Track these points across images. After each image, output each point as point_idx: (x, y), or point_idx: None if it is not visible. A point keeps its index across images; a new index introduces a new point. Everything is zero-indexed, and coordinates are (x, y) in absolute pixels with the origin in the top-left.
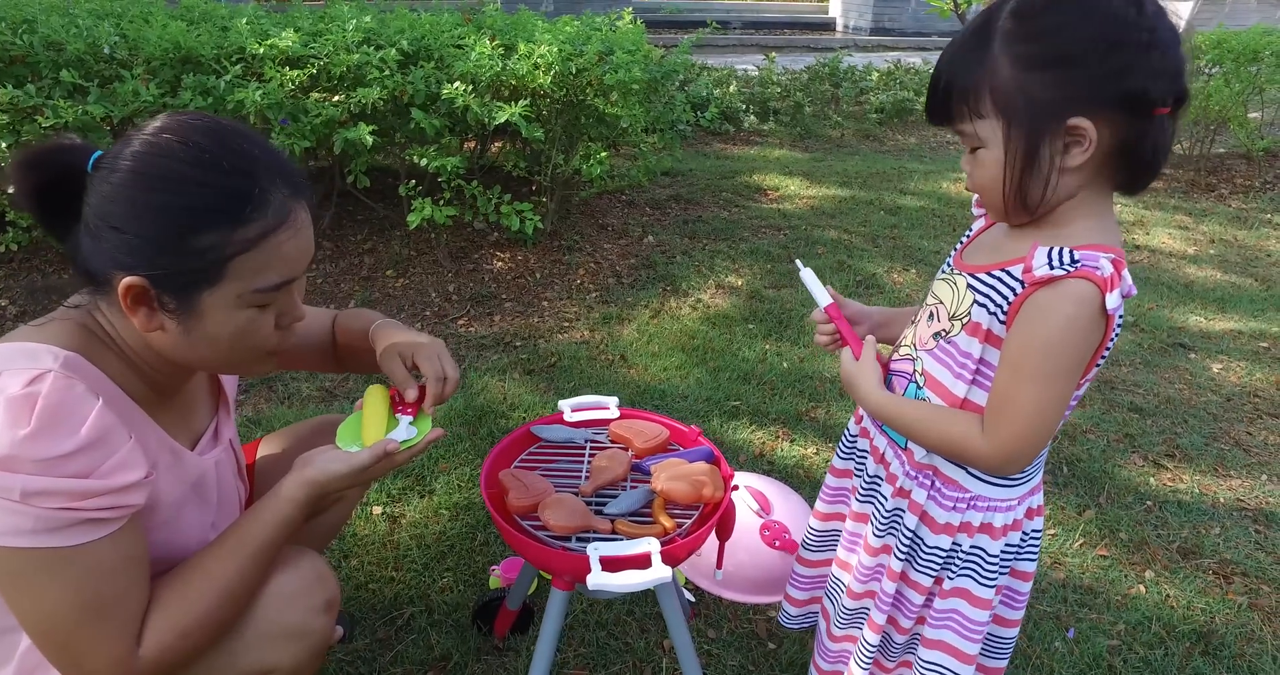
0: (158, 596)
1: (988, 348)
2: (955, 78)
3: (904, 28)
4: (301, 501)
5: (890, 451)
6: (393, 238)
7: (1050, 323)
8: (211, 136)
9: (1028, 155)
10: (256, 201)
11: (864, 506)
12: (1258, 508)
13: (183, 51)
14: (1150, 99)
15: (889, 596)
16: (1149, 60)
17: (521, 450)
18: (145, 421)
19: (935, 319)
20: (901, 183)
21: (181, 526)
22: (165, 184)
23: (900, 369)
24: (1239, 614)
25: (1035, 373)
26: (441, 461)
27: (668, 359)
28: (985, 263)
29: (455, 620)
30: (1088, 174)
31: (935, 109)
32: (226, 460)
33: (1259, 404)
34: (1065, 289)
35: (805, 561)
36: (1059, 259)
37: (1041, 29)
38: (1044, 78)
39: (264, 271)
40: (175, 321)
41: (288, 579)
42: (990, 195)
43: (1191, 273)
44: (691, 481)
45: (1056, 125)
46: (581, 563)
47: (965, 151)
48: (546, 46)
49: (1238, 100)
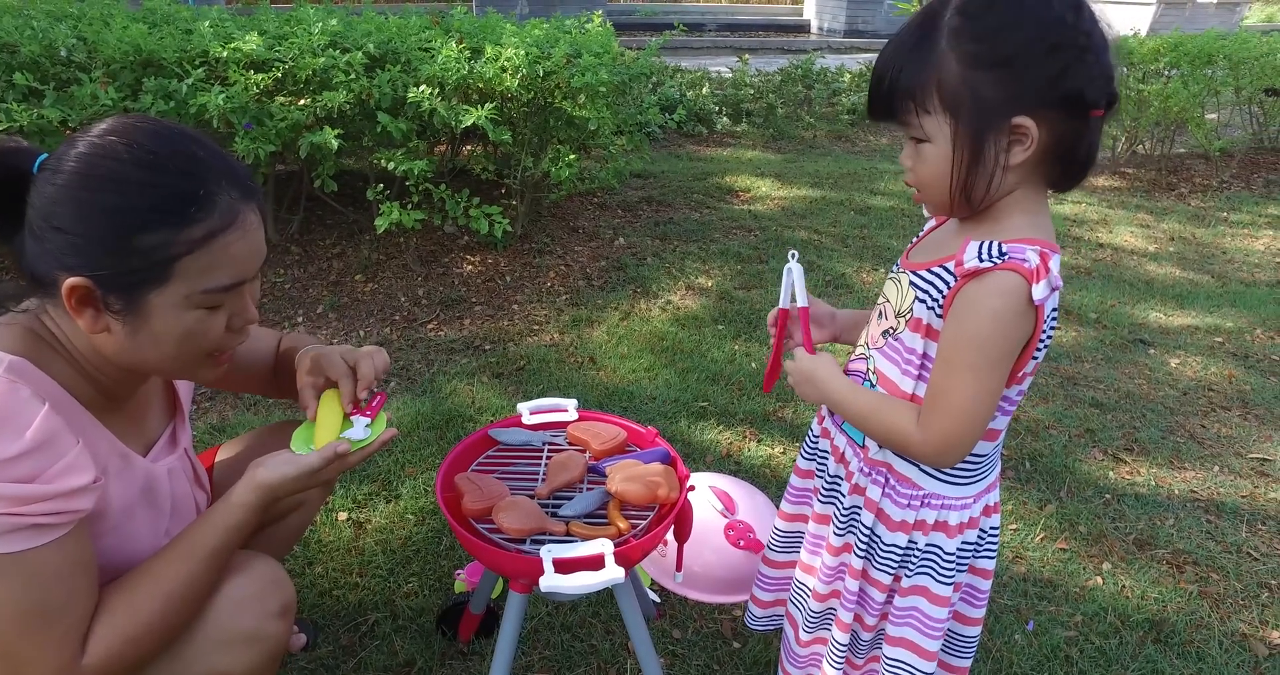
0: (104, 603)
1: (929, 342)
2: (902, 74)
3: (877, 29)
4: (253, 505)
5: (849, 450)
6: (361, 242)
7: (978, 315)
8: (157, 138)
9: (974, 152)
10: (202, 202)
11: (825, 508)
12: (1209, 498)
13: (144, 54)
14: (1087, 101)
15: (853, 595)
16: (1086, 64)
17: (479, 454)
18: (94, 426)
19: (884, 317)
20: (872, 183)
21: (131, 533)
22: (109, 185)
23: (855, 369)
24: (1190, 602)
25: (965, 364)
26: (408, 466)
27: (637, 361)
28: (926, 260)
29: (420, 625)
30: (1025, 171)
31: (880, 104)
32: (181, 467)
33: (1212, 397)
34: (991, 282)
35: (771, 562)
36: (988, 252)
37: (989, 28)
38: (991, 76)
39: (212, 272)
40: (121, 323)
41: (241, 584)
42: (934, 190)
43: (1152, 270)
44: (646, 482)
45: (1001, 123)
46: (535, 565)
47: (908, 145)
48: (514, 49)
49: (1195, 102)
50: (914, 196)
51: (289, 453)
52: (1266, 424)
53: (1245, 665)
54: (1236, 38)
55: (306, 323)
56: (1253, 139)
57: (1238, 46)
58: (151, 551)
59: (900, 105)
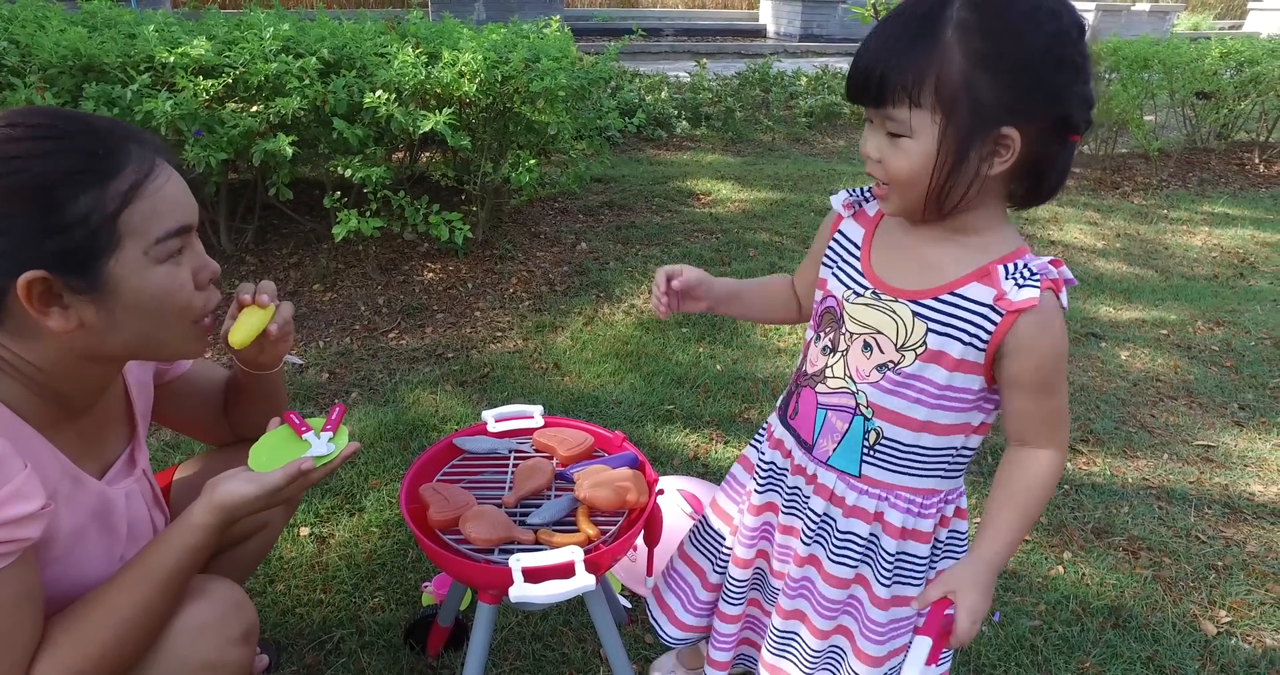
0: (50, 633)
1: (956, 375)
2: (899, 60)
3: (832, 34)
4: (212, 526)
5: (841, 484)
6: (319, 251)
7: (1050, 339)
8: (38, 114)
9: (958, 155)
10: (115, 153)
11: (811, 548)
12: (1160, 486)
13: (84, 59)
14: (1073, 124)
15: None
16: (1080, 86)
17: (444, 463)
18: (44, 448)
19: (876, 350)
20: (831, 184)
21: (82, 559)
22: (13, 165)
23: (838, 403)
24: (1145, 586)
25: (1059, 380)
26: (371, 478)
27: (601, 365)
28: (923, 287)
29: (387, 641)
30: (995, 184)
31: (866, 88)
32: (140, 489)
33: (1160, 388)
34: (1045, 306)
35: (728, 617)
36: (1021, 275)
37: (1002, 29)
38: (993, 80)
39: (157, 219)
40: (92, 305)
41: (200, 609)
42: (908, 189)
43: (1101, 266)
44: (615, 488)
45: (991, 130)
46: (504, 575)
47: (876, 135)
48: (471, 54)
49: (1134, 104)
50: (875, 191)
51: (248, 471)
52: (1209, 412)
53: (1196, 644)
54: (1169, 44)
55: None
56: (1187, 140)
57: (1170, 52)
58: (104, 578)
59: (890, 94)
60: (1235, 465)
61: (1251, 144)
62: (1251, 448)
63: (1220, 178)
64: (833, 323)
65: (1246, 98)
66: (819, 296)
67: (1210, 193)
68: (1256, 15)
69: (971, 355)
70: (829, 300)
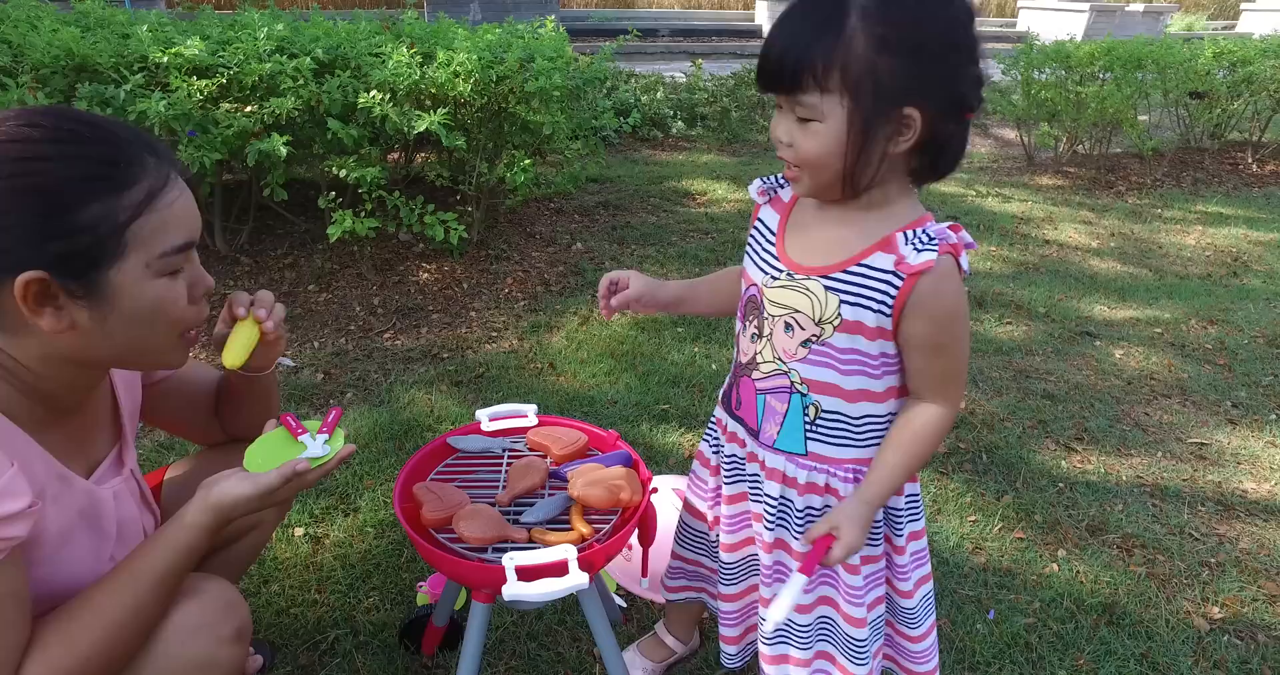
0: (40, 634)
1: (879, 342)
2: (807, 48)
3: None
4: (206, 527)
5: (791, 465)
6: (314, 251)
7: (946, 300)
8: (62, 116)
9: (865, 135)
10: (133, 164)
11: (778, 532)
12: (1154, 483)
13: (77, 59)
14: (968, 102)
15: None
16: (973, 68)
17: (438, 462)
18: (30, 447)
19: (797, 328)
20: None
21: (70, 559)
22: (31, 167)
23: (774, 386)
24: (1139, 584)
25: (956, 341)
26: (366, 478)
27: (597, 365)
28: (830, 262)
29: (382, 641)
30: (899, 162)
31: (775, 76)
32: (128, 489)
33: (1155, 386)
34: (941, 269)
35: (728, 596)
36: (920, 240)
37: (901, 14)
38: (895, 63)
39: (164, 233)
40: (87, 310)
41: (192, 609)
42: (820, 170)
43: (1095, 265)
44: (608, 486)
45: (893, 111)
46: (497, 574)
47: (787, 120)
48: (466, 54)
49: (1128, 104)
50: (787, 174)
51: (243, 471)
52: (1203, 409)
53: (1189, 641)
54: (1162, 44)
55: None
56: (1180, 139)
57: (1164, 52)
58: (93, 579)
59: (800, 80)
60: (1228, 463)
61: (1245, 144)
62: (1244, 445)
63: (1214, 177)
64: (755, 309)
65: (1239, 98)
66: (743, 286)
67: (1204, 192)
68: (1249, 16)
69: (883, 322)
70: (751, 289)
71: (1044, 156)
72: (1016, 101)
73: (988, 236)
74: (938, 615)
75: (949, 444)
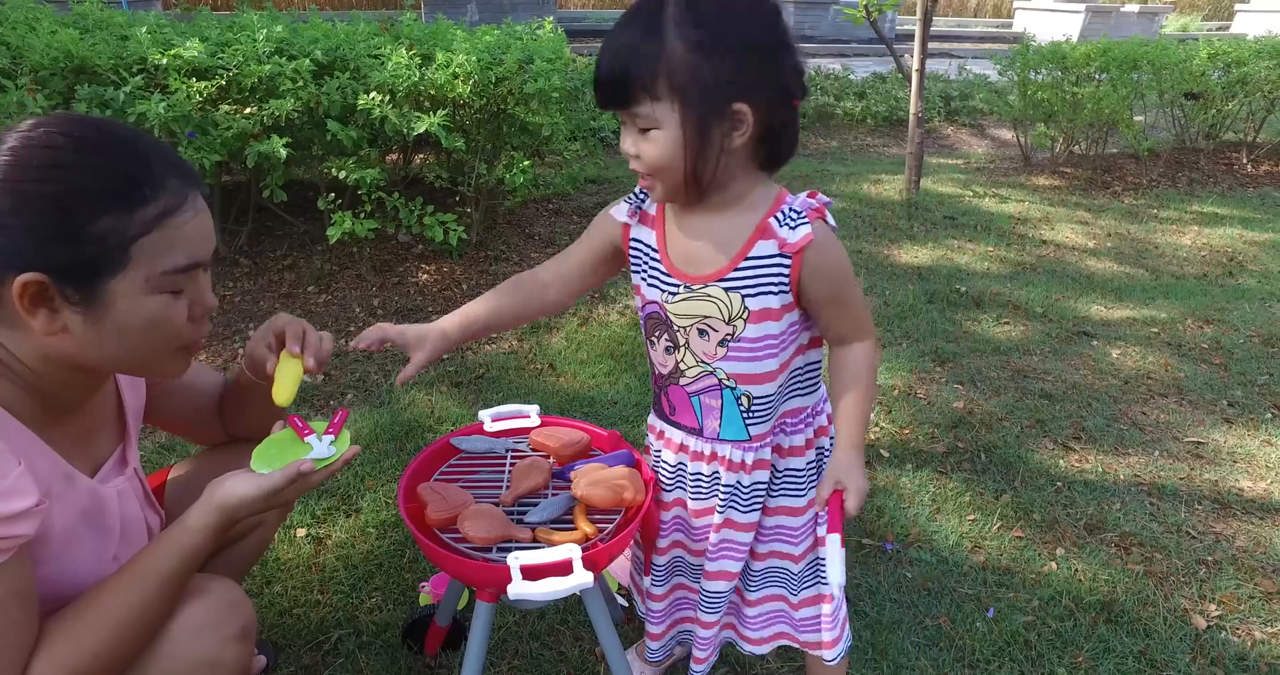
0: (46, 633)
1: (784, 318)
2: (633, 63)
3: (823, 35)
4: (212, 528)
5: (736, 451)
6: (313, 253)
7: (833, 259)
8: (92, 127)
9: (700, 134)
10: (153, 182)
11: (728, 513)
12: (1151, 482)
13: (76, 61)
14: (792, 91)
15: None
16: (792, 59)
17: (442, 462)
18: (35, 445)
19: (711, 331)
20: (824, 184)
21: (74, 558)
22: (52, 173)
23: (704, 387)
24: (1137, 582)
25: (851, 289)
26: (368, 478)
27: (596, 366)
28: (720, 266)
29: (385, 641)
30: (744, 155)
31: (610, 94)
32: (131, 488)
33: (1151, 385)
34: (819, 235)
35: (653, 596)
36: (791, 218)
37: (711, 18)
38: (715, 63)
39: (169, 252)
40: (81, 317)
41: (197, 609)
42: (667, 173)
43: (1092, 265)
44: (611, 486)
45: (723, 108)
46: (502, 573)
47: (631, 134)
48: (465, 56)
49: (1124, 104)
50: (641, 183)
51: (249, 472)
52: (1199, 408)
53: (1187, 638)
54: (1158, 45)
55: None
56: (1176, 140)
57: (1159, 53)
58: (97, 578)
59: (632, 94)
60: (1225, 462)
61: (1239, 144)
62: (1240, 444)
63: (1209, 177)
64: (660, 325)
65: (1234, 98)
66: (640, 304)
67: (1199, 192)
68: (1244, 17)
69: (786, 299)
70: (650, 306)
71: (1040, 157)
72: (1013, 102)
73: (984, 236)
74: (937, 613)
75: (948, 443)
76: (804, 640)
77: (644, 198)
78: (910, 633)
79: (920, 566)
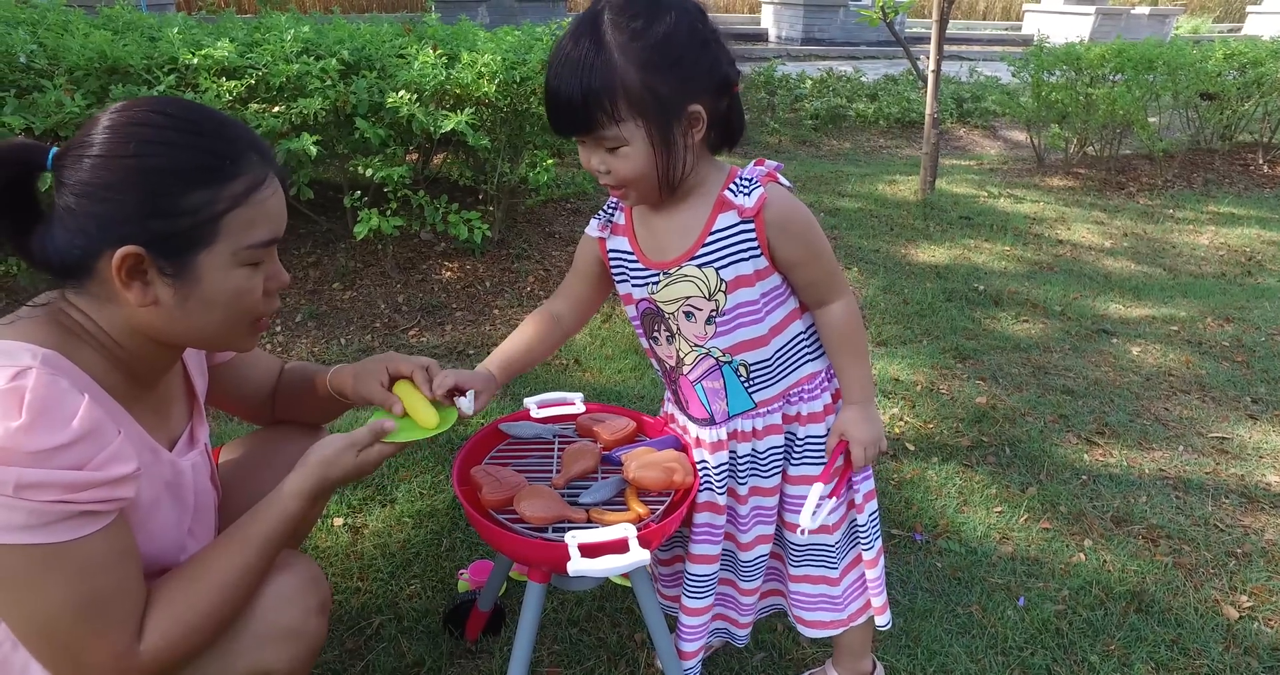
0: (162, 592)
1: (761, 283)
2: (589, 93)
3: (834, 37)
4: (308, 493)
5: (746, 421)
6: (338, 250)
7: (796, 215)
8: (181, 107)
9: (666, 142)
10: (239, 159)
11: (751, 481)
12: (1177, 476)
13: (109, 61)
14: (730, 81)
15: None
16: (724, 50)
17: (490, 448)
18: (126, 418)
19: (696, 311)
20: (839, 185)
21: (154, 528)
22: (150, 148)
23: (704, 370)
24: (1166, 573)
25: (820, 239)
26: (402, 470)
27: (621, 361)
28: (688, 246)
29: (425, 626)
30: (699, 146)
31: (571, 125)
32: (202, 464)
33: (1173, 382)
34: (773, 195)
35: (691, 610)
36: (744, 186)
37: (653, 37)
38: (666, 77)
39: (254, 227)
40: (172, 289)
41: (285, 580)
42: (643, 183)
43: (1109, 264)
44: (662, 468)
45: (680, 113)
46: (560, 551)
47: (597, 153)
48: (490, 55)
49: (1138, 105)
50: (614, 194)
51: (341, 438)
52: (1222, 405)
53: (1219, 628)
54: (1172, 45)
55: (285, 332)
56: (1191, 140)
57: (1174, 54)
58: (173, 547)
59: (595, 121)
60: (1250, 457)
61: (1255, 145)
62: (1266, 440)
63: (1225, 178)
64: (656, 318)
65: (1250, 99)
66: (632, 311)
67: (1215, 193)
68: (1255, 18)
69: (761, 263)
70: (643, 304)
71: (1054, 158)
72: (1026, 103)
73: (1001, 236)
74: (968, 602)
75: (972, 437)
76: (850, 612)
77: (611, 211)
78: (942, 620)
79: (950, 556)
